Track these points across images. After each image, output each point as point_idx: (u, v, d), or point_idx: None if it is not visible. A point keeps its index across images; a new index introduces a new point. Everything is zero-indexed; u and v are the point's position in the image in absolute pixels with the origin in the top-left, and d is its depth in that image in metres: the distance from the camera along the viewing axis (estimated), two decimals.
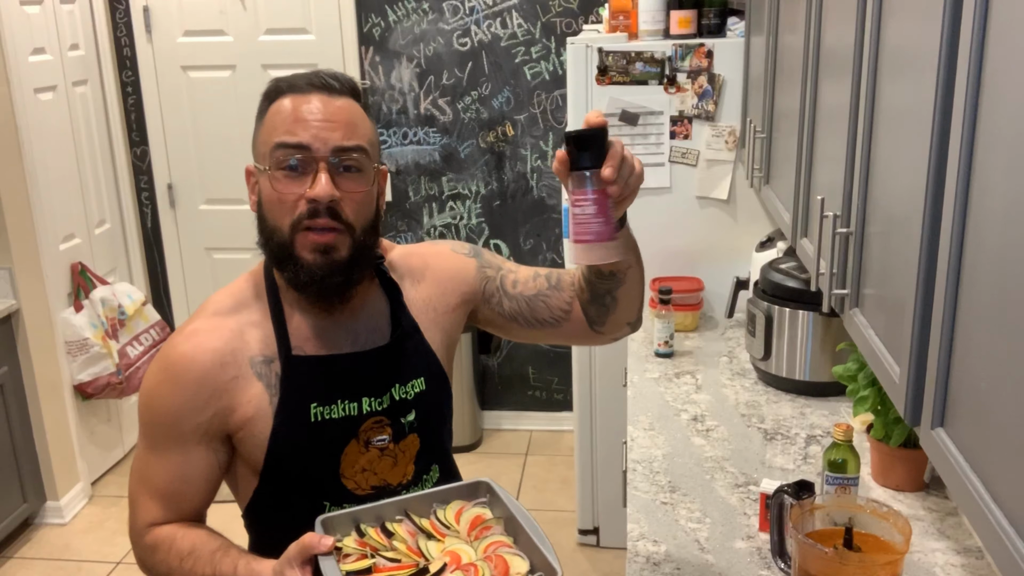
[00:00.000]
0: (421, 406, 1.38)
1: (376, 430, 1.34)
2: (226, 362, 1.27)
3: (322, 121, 1.23)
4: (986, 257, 0.85)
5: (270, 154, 1.23)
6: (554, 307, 1.44)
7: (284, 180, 1.23)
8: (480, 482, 1.32)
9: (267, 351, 1.30)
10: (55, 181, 3.55)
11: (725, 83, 2.81)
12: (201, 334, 1.29)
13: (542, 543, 1.20)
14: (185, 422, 1.27)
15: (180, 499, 1.32)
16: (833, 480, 1.64)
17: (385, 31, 3.80)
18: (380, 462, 1.34)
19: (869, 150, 1.29)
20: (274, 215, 1.24)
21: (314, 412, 1.29)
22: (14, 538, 3.42)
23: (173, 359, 1.28)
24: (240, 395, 1.28)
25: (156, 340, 3.90)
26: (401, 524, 1.26)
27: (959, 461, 0.90)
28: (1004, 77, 0.82)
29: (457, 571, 1.17)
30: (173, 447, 1.29)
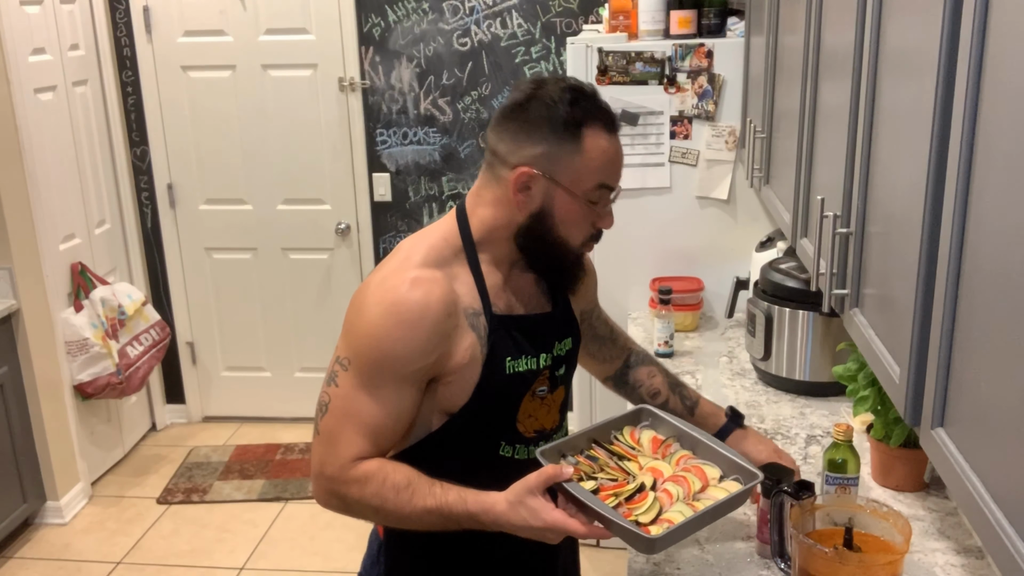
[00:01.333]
0: (568, 362, 1.57)
1: (541, 381, 1.49)
2: (451, 311, 1.37)
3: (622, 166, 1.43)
4: (986, 257, 0.85)
5: (592, 189, 1.38)
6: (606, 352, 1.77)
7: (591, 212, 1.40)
8: (642, 408, 1.54)
9: (475, 304, 1.41)
10: (55, 181, 3.55)
11: (725, 83, 2.81)
12: (424, 283, 1.36)
13: (725, 449, 1.41)
14: (413, 364, 1.35)
15: (386, 434, 1.38)
16: (833, 480, 1.64)
17: (385, 31, 3.80)
18: (541, 409, 1.51)
19: (869, 150, 1.29)
20: (567, 233, 1.41)
21: (508, 365, 1.43)
22: (14, 538, 3.42)
23: (407, 304, 1.34)
24: (459, 343, 1.38)
25: (156, 340, 3.90)
26: (597, 450, 1.44)
27: (959, 461, 0.90)
28: (1004, 77, 0.82)
29: (669, 482, 1.36)
30: (391, 385, 1.36)
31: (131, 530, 3.49)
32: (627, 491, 1.33)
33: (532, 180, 1.36)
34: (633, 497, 1.33)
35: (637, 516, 1.30)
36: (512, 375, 1.44)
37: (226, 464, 3.94)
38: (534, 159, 1.35)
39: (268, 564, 3.25)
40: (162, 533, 3.46)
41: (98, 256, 3.85)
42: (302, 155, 3.99)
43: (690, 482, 1.37)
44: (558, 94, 1.35)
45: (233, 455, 4.03)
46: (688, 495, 1.35)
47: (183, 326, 4.27)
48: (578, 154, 1.35)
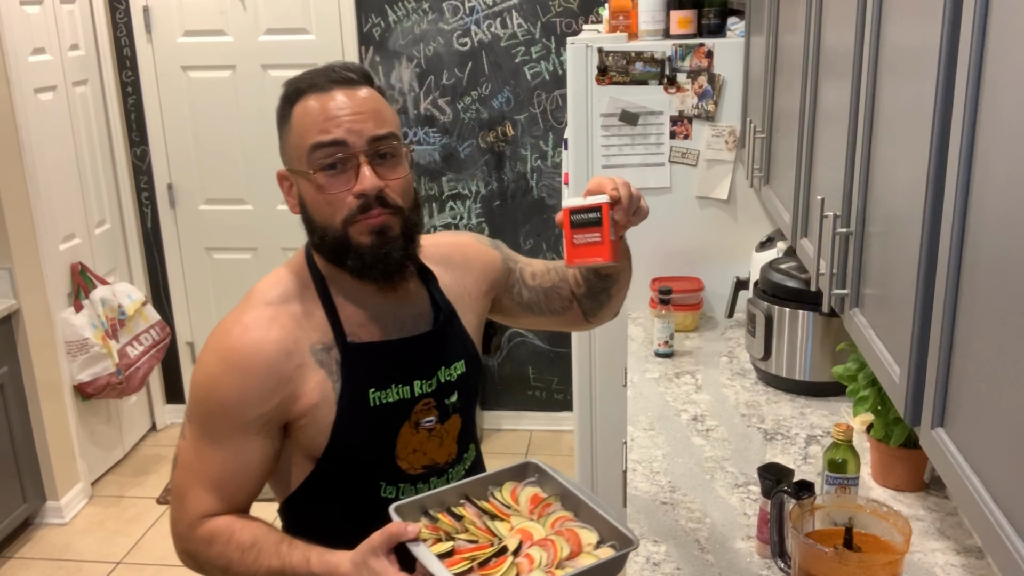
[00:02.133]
0: (462, 387, 1.44)
1: (425, 411, 1.38)
2: (290, 351, 1.28)
3: (352, 115, 1.25)
4: (986, 257, 0.85)
5: (307, 157, 1.26)
6: (564, 298, 1.58)
7: (328, 180, 1.26)
8: (528, 463, 1.38)
9: (325, 339, 1.32)
10: (55, 181, 3.55)
11: (725, 83, 2.81)
12: (261, 324, 1.29)
13: (606, 513, 1.26)
14: (249, 411, 1.27)
15: (235, 489, 1.31)
16: (833, 480, 1.64)
17: (385, 31, 3.80)
18: (429, 442, 1.39)
19: (869, 150, 1.29)
20: (323, 215, 1.28)
21: (372, 397, 1.33)
22: (14, 538, 3.42)
23: (238, 349, 1.27)
24: (304, 383, 1.29)
25: (156, 340, 3.90)
26: (465, 507, 1.30)
27: (959, 461, 0.90)
28: (1004, 77, 0.82)
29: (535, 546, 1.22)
30: (232, 437, 1.29)
31: (131, 530, 3.49)
32: (484, 555, 1.20)
33: (283, 180, 1.33)
34: (489, 562, 1.20)
35: None
36: (378, 407, 1.33)
37: None
38: (283, 160, 1.33)
39: None
40: (162, 533, 3.46)
41: (98, 256, 3.85)
42: None
43: (558, 547, 1.23)
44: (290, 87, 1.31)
45: None
46: (553, 561, 1.21)
47: (183, 326, 4.27)
48: (290, 131, 1.29)
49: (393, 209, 1.28)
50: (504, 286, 1.55)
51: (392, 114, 1.33)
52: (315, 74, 1.29)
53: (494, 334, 4.09)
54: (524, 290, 1.57)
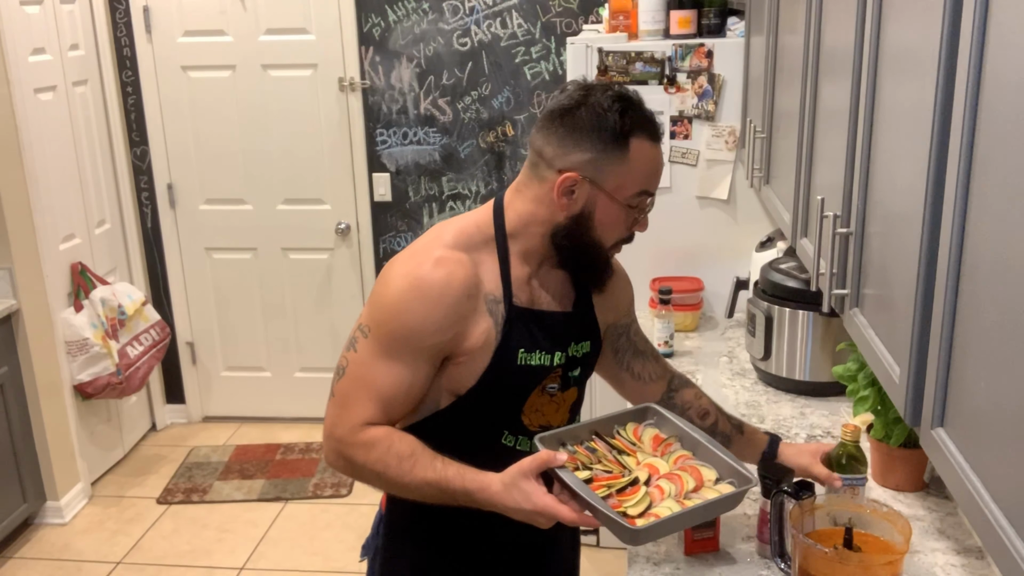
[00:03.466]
0: (584, 365, 1.59)
1: (552, 379, 1.51)
2: (472, 294, 1.41)
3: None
4: (986, 257, 0.85)
5: (632, 195, 1.43)
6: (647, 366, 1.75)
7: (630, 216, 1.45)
8: (648, 407, 1.55)
9: (496, 292, 1.44)
10: (55, 181, 3.55)
11: (725, 83, 2.81)
12: (449, 263, 1.40)
13: (723, 453, 1.41)
14: (428, 339, 1.39)
15: (397, 405, 1.42)
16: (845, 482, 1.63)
17: (385, 31, 3.80)
18: (549, 405, 1.53)
19: (869, 150, 1.29)
20: (603, 235, 1.45)
21: (521, 356, 1.45)
22: (14, 538, 3.42)
23: (429, 281, 1.38)
24: (475, 326, 1.42)
25: (156, 340, 3.90)
26: (597, 442, 1.45)
27: (959, 461, 0.90)
28: (1004, 77, 0.82)
29: (663, 479, 1.37)
30: (406, 357, 1.40)
31: (131, 530, 3.49)
32: (620, 483, 1.35)
33: (577, 185, 1.40)
34: (625, 490, 1.35)
35: (626, 508, 1.32)
36: (523, 367, 1.46)
37: (226, 464, 3.94)
38: (581, 165, 1.39)
39: (268, 564, 3.25)
40: (162, 533, 3.46)
41: (98, 256, 3.85)
42: (302, 155, 3.99)
43: (684, 480, 1.38)
44: (608, 103, 1.40)
45: (233, 455, 4.03)
46: (680, 493, 1.36)
47: (183, 326, 4.27)
48: (624, 163, 1.40)
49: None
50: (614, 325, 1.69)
51: None
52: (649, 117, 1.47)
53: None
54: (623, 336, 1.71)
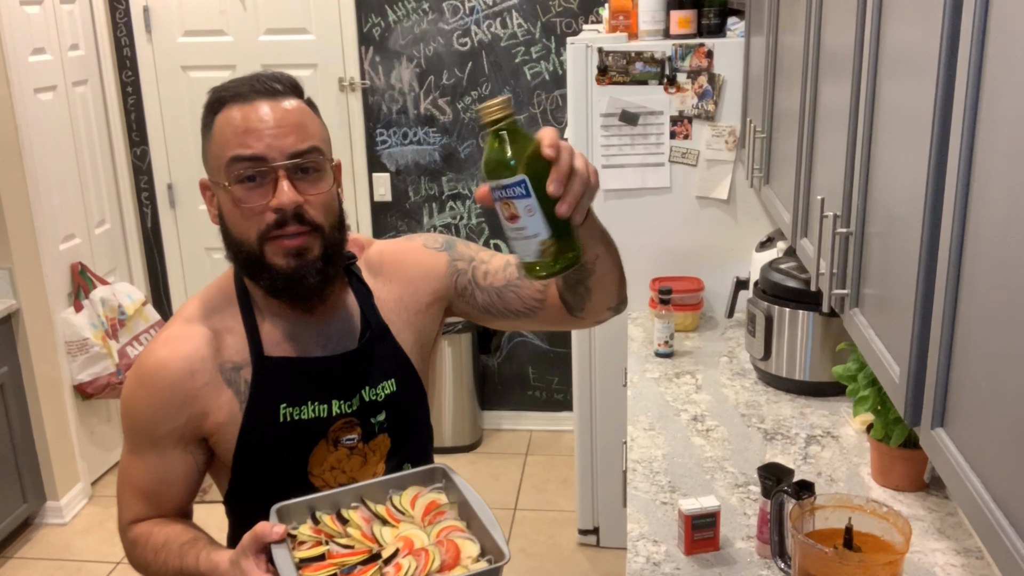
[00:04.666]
0: (392, 407, 1.39)
1: (345, 430, 1.36)
2: (196, 369, 1.29)
3: (273, 128, 1.22)
4: (986, 257, 0.85)
5: (225, 169, 1.23)
6: (526, 296, 1.40)
7: (244, 193, 1.23)
8: (436, 468, 1.32)
9: (237, 357, 1.32)
10: (55, 181, 3.55)
11: (725, 83, 2.81)
12: (173, 341, 1.31)
13: (492, 527, 1.21)
14: (160, 427, 1.31)
15: (160, 497, 1.36)
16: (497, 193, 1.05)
17: (385, 31, 3.80)
18: (349, 460, 1.37)
19: (869, 150, 1.29)
20: (239, 228, 1.25)
21: (283, 412, 1.32)
22: (14, 538, 3.42)
23: (147, 366, 1.31)
24: (211, 402, 1.31)
25: None
26: (356, 511, 1.26)
27: (959, 461, 0.90)
28: (1004, 77, 0.82)
29: (409, 556, 1.18)
30: (150, 449, 1.33)
31: None
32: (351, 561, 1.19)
33: (204, 189, 1.30)
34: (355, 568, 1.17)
35: None
36: (290, 423, 1.32)
37: None
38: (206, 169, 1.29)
39: None
40: None
41: (98, 256, 3.85)
42: None
43: (431, 557, 1.18)
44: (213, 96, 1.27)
45: None
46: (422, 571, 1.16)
47: None
48: (211, 141, 1.26)
49: (311, 227, 1.24)
50: (454, 291, 1.44)
51: (318, 127, 1.28)
52: (239, 83, 1.26)
53: (494, 334, 4.09)
54: (477, 291, 1.43)
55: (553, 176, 1.02)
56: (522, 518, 3.49)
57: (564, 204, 1.03)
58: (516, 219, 1.03)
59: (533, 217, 1.03)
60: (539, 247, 1.04)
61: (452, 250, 1.46)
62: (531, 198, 1.02)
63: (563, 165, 1.03)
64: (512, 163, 1.02)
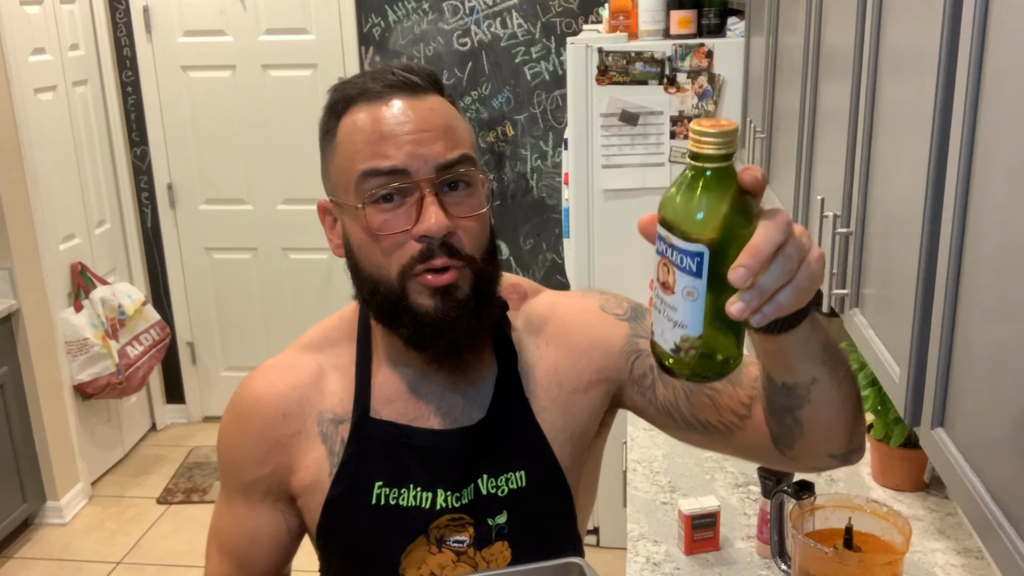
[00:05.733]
0: (517, 508, 1.08)
1: (453, 529, 1.07)
2: (290, 412, 1.08)
3: (415, 132, 0.98)
4: (986, 257, 0.85)
5: (356, 186, 0.99)
6: (724, 407, 1.04)
7: (380, 217, 0.98)
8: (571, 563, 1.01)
9: (340, 407, 1.08)
10: (55, 181, 3.55)
11: (725, 83, 2.81)
12: (275, 372, 1.10)
13: None
14: (245, 473, 1.10)
15: (245, 557, 1.14)
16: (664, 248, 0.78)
17: (385, 31, 3.80)
18: (455, 568, 1.08)
19: (869, 150, 1.29)
20: (375, 262, 1.00)
21: (378, 492, 1.06)
22: (14, 538, 3.42)
23: (242, 396, 1.11)
24: (301, 456, 1.08)
25: (156, 340, 3.90)
26: None
27: (959, 461, 0.90)
28: (1004, 77, 0.82)
29: None
30: (238, 498, 1.12)
31: (131, 530, 3.49)
32: None
33: (324, 213, 1.08)
34: None
35: None
36: (383, 506, 1.06)
37: None
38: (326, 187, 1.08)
39: None
40: (162, 533, 3.45)
41: (98, 256, 3.85)
42: (302, 155, 3.98)
43: None
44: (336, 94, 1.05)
45: None
46: None
47: (183, 326, 4.27)
48: (335, 152, 1.03)
49: (464, 261, 0.99)
50: (627, 375, 1.11)
51: (467, 131, 1.04)
52: (369, 77, 1.02)
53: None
54: (659, 384, 1.09)
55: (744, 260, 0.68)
56: None
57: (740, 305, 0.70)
58: (669, 291, 0.73)
59: (691, 303, 0.72)
60: (678, 342, 0.74)
61: (637, 322, 1.13)
62: (700, 280, 0.71)
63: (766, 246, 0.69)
64: (700, 220, 0.71)
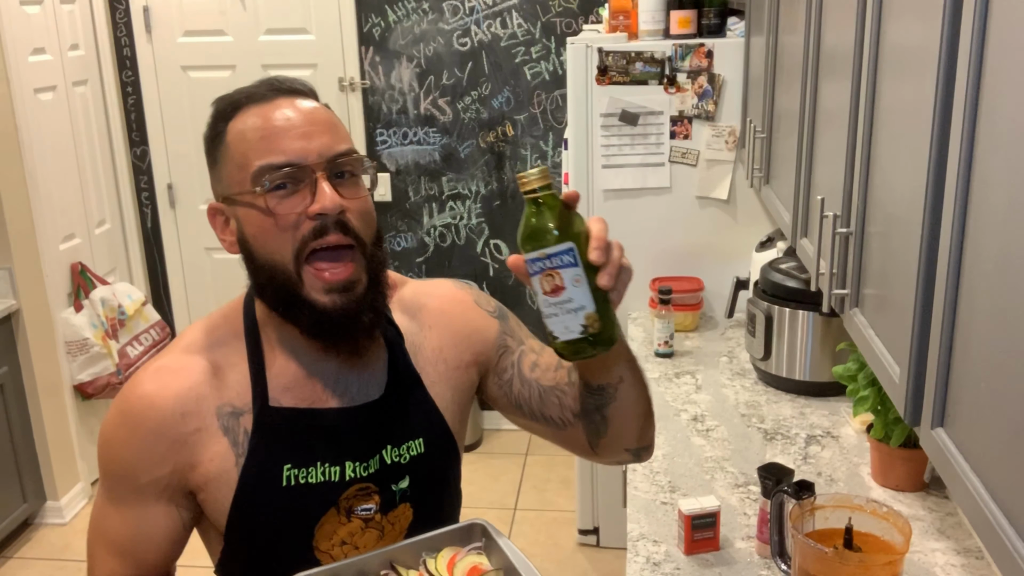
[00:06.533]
0: (417, 472, 1.19)
1: (361, 498, 1.16)
2: (188, 411, 1.10)
3: (304, 127, 1.06)
4: (986, 257, 0.85)
5: (252, 180, 1.05)
6: (566, 407, 1.22)
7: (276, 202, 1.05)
8: (474, 524, 1.15)
9: (238, 400, 1.13)
10: (55, 181, 3.55)
11: (725, 83, 2.81)
12: (165, 374, 1.12)
13: None
14: (141, 475, 1.11)
15: (138, 555, 1.16)
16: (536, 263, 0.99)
17: (385, 31, 3.80)
18: (364, 535, 1.17)
19: (869, 150, 1.29)
20: (270, 247, 1.06)
21: (287, 475, 1.12)
22: (14, 538, 3.42)
23: (132, 401, 1.11)
24: (202, 451, 1.11)
25: (156, 340, 3.90)
26: None
27: (959, 461, 0.90)
28: (1004, 77, 0.82)
29: None
30: (130, 500, 1.13)
31: None
32: None
33: (215, 215, 1.12)
34: None
35: None
36: (294, 487, 1.12)
37: None
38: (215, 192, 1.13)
39: None
40: None
41: (98, 256, 3.85)
42: None
43: None
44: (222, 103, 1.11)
45: None
46: None
47: (183, 326, 4.27)
48: (226, 153, 1.08)
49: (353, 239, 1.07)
50: (494, 365, 1.26)
51: (347, 132, 1.13)
52: (254, 86, 1.11)
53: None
54: (516, 380, 1.25)
55: (594, 244, 0.96)
56: (522, 518, 3.48)
57: (606, 274, 0.97)
58: (559, 291, 0.97)
59: (580, 288, 0.97)
60: (584, 321, 0.98)
61: (504, 322, 1.29)
62: (578, 267, 0.96)
63: (602, 233, 0.97)
64: (556, 232, 0.97)
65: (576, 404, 1.20)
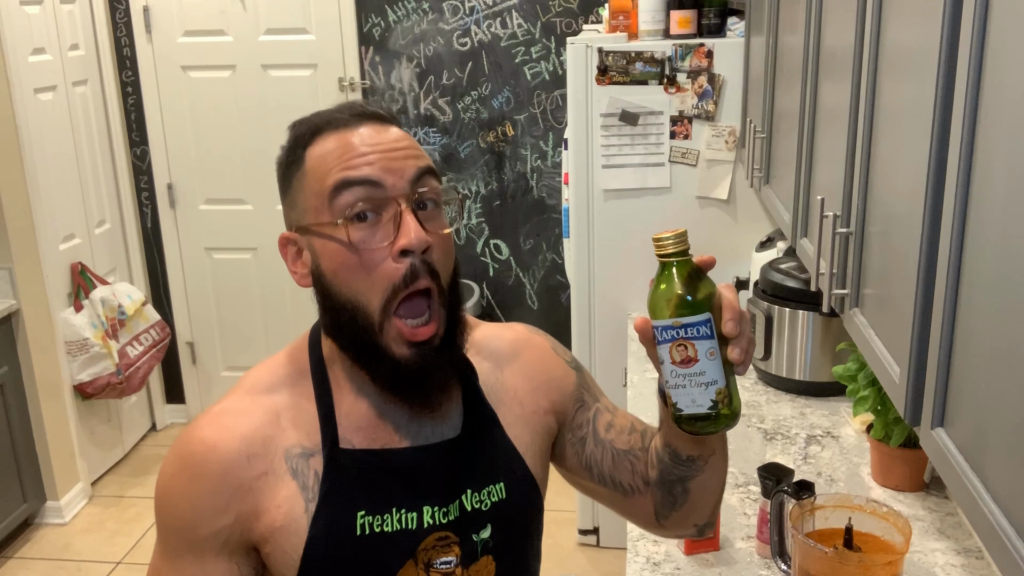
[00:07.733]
0: (499, 521, 1.09)
1: (440, 549, 1.05)
2: (254, 453, 1.02)
3: (386, 151, 0.99)
4: (986, 257, 0.85)
5: (330, 203, 0.97)
6: (638, 473, 1.16)
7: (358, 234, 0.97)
8: None
9: (307, 441, 1.04)
10: (55, 181, 3.55)
11: (725, 83, 2.81)
12: (228, 416, 1.04)
13: None
14: (201, 527, 1.02)
15: None
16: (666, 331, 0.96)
17: (385, 31, 3.80)
18: None
19: (869, 150, 1.29)
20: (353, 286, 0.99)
21: (362, 522, 1.03)
22: (14, 538, 3.42)
23: (192, 446, 1.03)
24: (269, 497, 1.02)
25: (156, 340, 3.90)
26: None
27: (959, 461, 0.90)
28: (1004, 77, 0.82)
29: None
30: (187, 555, 1.03)
31: (131, 530, 3.49)
32: None
33: (286, 245, 1.06)
34: None
35: None
36: (368, 536, 1.02)
37: None
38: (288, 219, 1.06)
39: None
40: None
41: (98, 256, 3.85)
42: None
43: None
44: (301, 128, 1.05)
45: None
46: None
47: (183, 326, 4.27)
48: (303, 178, 1.01)
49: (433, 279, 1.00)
50: (569, 419, 1.18)
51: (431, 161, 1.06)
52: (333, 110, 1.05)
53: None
54: (591, 439, 1.17)
55: (728, 315, 0.93)
56: None
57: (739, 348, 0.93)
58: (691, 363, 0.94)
59: (713, 361, 0.93)
60: (715, 397, 0.95)
61: (581, 374, 1.22)
62: (714, 339, 0.93)
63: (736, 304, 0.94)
64: (691, 300, 0.93)
65: (650, 472, 1.14)
